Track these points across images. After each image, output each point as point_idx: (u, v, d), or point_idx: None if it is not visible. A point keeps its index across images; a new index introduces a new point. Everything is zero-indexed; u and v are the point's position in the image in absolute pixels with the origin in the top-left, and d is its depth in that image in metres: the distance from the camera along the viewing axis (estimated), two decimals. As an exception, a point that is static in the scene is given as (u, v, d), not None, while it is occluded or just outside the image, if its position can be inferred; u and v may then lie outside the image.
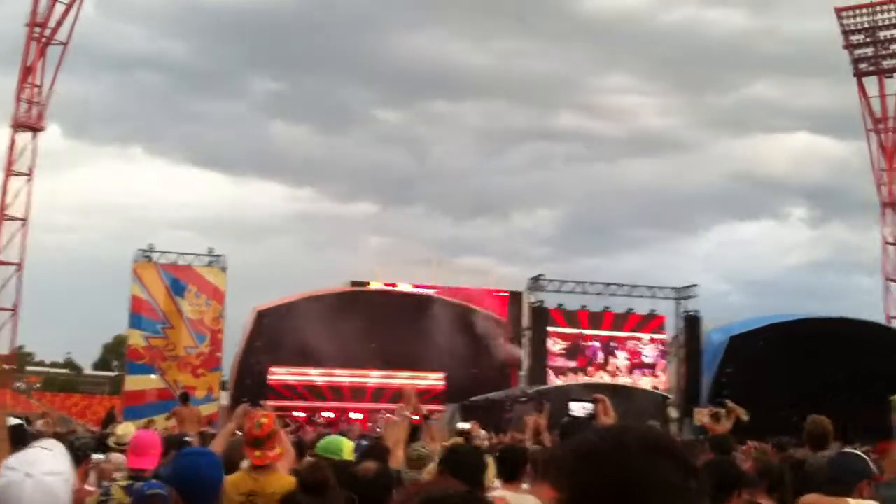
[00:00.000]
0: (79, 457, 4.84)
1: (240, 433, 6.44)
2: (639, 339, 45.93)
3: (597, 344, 45.47)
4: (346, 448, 5.91)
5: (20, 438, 5.52)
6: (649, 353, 46.17)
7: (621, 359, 45.52)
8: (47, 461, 2.90)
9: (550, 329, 44.44)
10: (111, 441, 7.54)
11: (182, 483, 3.54)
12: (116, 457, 6.75)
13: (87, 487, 5.66)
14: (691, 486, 1.60)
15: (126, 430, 7.72)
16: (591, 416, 3.93)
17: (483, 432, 13.73)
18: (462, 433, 11.33)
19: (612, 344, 45.59)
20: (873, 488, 4.98)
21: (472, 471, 4.49)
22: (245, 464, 5.39)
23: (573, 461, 1.65)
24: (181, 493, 3.52)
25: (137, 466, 5.02)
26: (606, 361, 45.37)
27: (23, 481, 2.78)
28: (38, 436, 10.27)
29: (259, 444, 5.11)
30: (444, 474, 4.43)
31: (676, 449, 1.65)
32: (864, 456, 5.38)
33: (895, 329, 46.83)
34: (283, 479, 5.11)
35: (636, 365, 45.66)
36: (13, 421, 5.80)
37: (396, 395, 34.00)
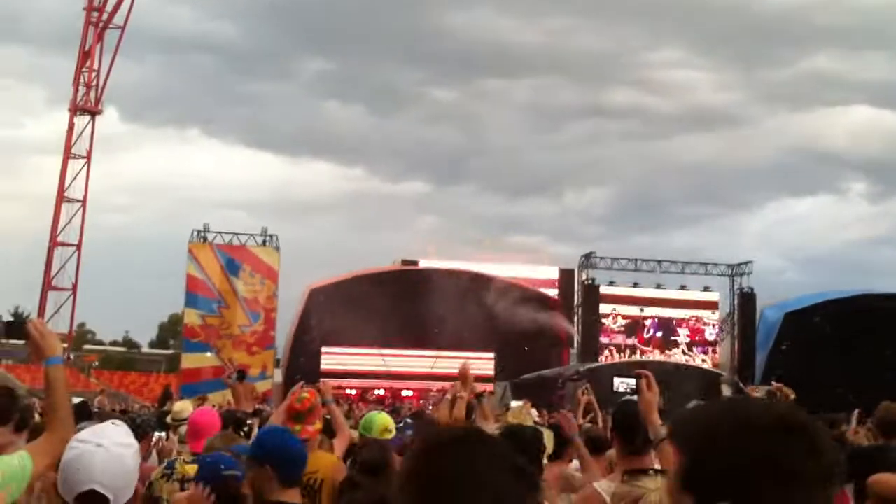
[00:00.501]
0: (139, 434, 4.97)
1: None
2: (697, 317, 45.59)
3: (655, 321, 45.27)
4: (378, 425, 5.88)
5: (85, 415, 5.69)
6: (707, 331, 45.84)
7: (682, 336, 45.28)
8: (117, 434, 3.08)
9: (606, 307, 44.40)
10: (168, 419, 7.71)
11: (276, 459, 3.62)
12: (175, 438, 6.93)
13: (149, 465, 5.82)
14: (821, 466, 1.55)
15: (183, 406, 7.87)
16: (634, 391, 3.93)
17: (534, 411, 13.77)
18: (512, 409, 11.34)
19: (671, 321, 45.34)
20: None
21: (531, 450, 4.50)
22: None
23: (699, 432, 1.63)
24: (275, 468, 3.60)
25: (199, 450, 5.13)
26: (665, 339, 45.15)
27: (95, 451, 2.94)
28: (100, 412, 10.56)
29: (300, 418, 5.16)
30: None
31: (807, 427, 1.58)
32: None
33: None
34: (324, 458, 5.17)
35: (696, 342, 45.35)
36: (75, 399, 5.98)
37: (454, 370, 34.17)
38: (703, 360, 44.19)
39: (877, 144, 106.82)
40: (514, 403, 12.43)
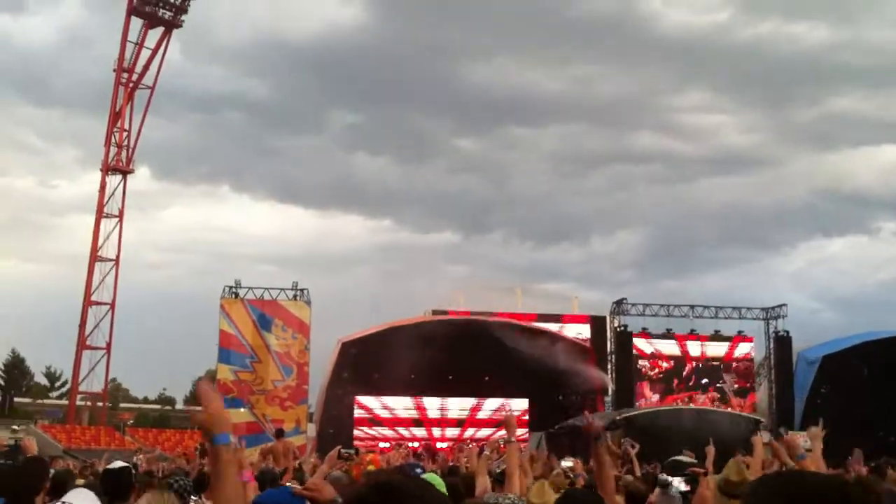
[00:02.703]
0: (183, 498, 4.91)
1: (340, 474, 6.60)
2: (735, 360, 45.09)
3: (692, 367, 44.83)
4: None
5: (124, 484, 5.54)
6: (745, 376, 45.30)
7: (730, 384, 44.78)
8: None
9: (641, 352, 44.09)
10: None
11: None
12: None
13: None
14: None
15: None
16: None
17: (570, 461, 13.55)
18: (565, 471, 11.11)
19: (707, 366, 44.87)
20: None
21: None
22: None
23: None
24: None
25: None
26: (700, 384, 44.67)
27: None
28: (149, 474, 10.44)
29: None
30: None
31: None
32: None
33: None
34: None
35: (733, 387, 44.83)
36: (118, 463, 5.91)
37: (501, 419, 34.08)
38: (740, 406, 43.57)
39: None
40: (566, 463, 12.11)
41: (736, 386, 44.77)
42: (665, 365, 44.67)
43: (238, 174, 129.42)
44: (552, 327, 44.10)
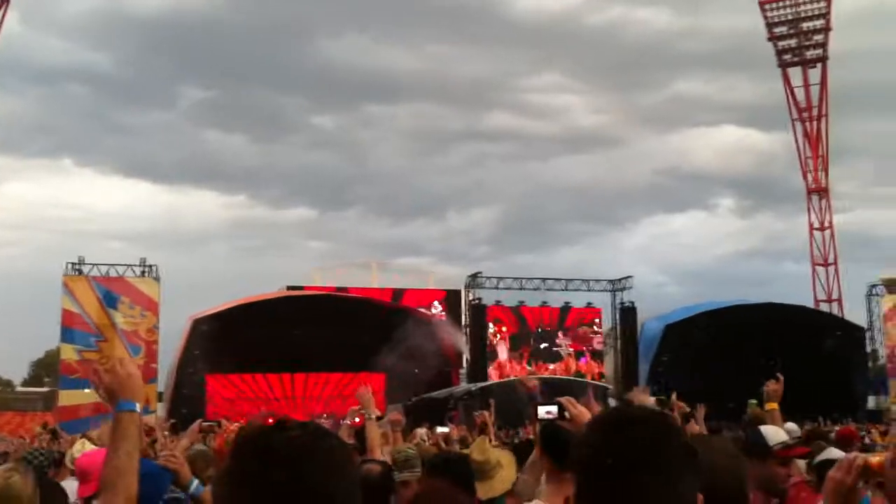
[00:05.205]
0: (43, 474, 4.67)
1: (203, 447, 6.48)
2: (581, 330, 46.43)
3: (540, 336, 45.92)
4: None
5: None
6: (591, 344, 46.73)
7: (564, 348, 45.99)
8: None
9: (493, 325, 44.85)
10: (67, 461, 7.21)
11: None
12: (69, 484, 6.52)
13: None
14: None
15: (83, 447, 7.34)
16: (560, 417, 3.98)
17: (423, 430, 13.71)
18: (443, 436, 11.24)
19: (555, 336, 46.04)
20: None
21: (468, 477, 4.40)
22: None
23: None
24: None
25: (87, 494, 4.72)
26: (550, 353, 45.82)
27: None
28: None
29: None
30: (434, 478, 4.27)
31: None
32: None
33: (824, 312, 48.12)
34: None
35: (580, 355, 46.17)
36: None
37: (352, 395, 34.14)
38: (591, 374, 44.99)
39: (743, 162, 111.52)
40: (441, 429, 12.26)
41: (571, 350, 46.10)
42: (520, 335, 45.61)
43: (82, 149, 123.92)
44: (407, 302, 44.38)
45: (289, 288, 44.92)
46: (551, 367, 44.89)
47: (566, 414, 3.88)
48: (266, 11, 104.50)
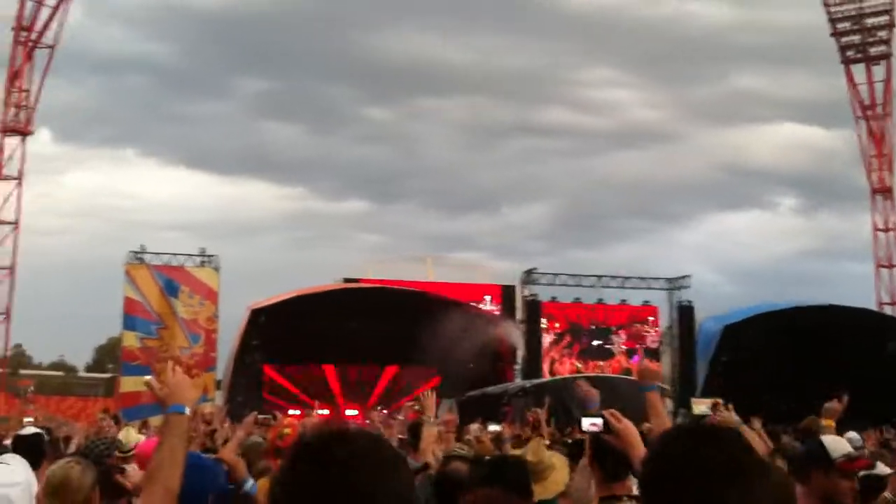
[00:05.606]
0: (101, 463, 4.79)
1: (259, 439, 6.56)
2: (636, 328, 46.06)
3: (593, 333, 45.65)
4: None
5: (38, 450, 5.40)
6: (645, 342, 46.33)
7: (617, 346, 45.69)
8: (4, 474, 2.97)
9: (546, 322, 44.67)
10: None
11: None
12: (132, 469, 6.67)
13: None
14: None
15: (128, 436, 7.45)
16: (605, 430, 3.97)
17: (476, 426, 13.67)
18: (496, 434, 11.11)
19: (609, 334, 45.75)
20: None
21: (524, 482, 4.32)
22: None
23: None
24: None
25: None
26: (602, 350, 45.52)
27: None
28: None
29: (283, 454, 5.11)
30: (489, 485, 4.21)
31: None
32: None
33: (888, 315, 47.07)
34: None
35: (632, 353, 45.80)
36: (30, 430, 5.73)
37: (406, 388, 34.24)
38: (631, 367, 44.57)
39: (804, 160, 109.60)
40: (493, 427, 12.17)
41: (625, 347, 45.73)
42: (574, 333, 45.39)
43: (144, 139, 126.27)
44: (461, 296, 44.35)
45: (345, 280, 45.18)
46: (601, 363, 44.60)
47: (610, 427, 3.88)
48: (321, 4, 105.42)
